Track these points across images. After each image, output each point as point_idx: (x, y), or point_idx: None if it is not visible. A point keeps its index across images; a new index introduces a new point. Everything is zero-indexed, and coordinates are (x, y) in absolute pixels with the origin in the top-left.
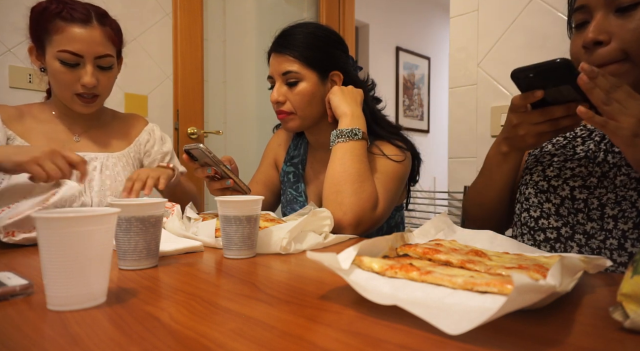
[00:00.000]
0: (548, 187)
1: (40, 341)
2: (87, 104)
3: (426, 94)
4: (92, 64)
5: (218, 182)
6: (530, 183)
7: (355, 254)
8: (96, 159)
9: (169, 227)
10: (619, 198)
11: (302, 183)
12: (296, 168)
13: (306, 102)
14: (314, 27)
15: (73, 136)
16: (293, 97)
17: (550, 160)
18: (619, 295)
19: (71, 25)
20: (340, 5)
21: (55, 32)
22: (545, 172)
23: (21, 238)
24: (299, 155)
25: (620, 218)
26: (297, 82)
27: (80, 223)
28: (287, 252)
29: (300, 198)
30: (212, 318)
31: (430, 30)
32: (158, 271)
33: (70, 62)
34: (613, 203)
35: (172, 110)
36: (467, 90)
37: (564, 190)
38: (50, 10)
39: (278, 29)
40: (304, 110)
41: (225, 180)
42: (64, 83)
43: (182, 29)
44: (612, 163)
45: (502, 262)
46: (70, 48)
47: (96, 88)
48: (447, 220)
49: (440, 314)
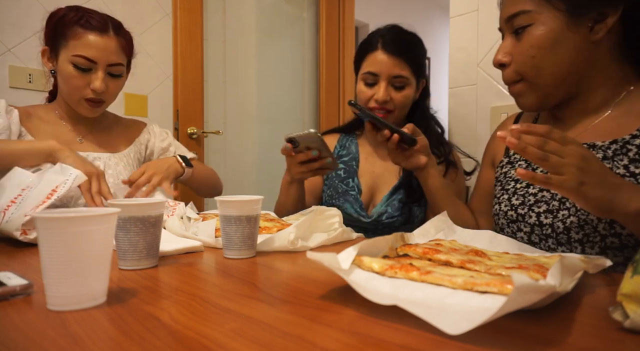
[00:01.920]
0: (517, 217)
1: (40, 341)
2: (93, 108)
3: None
4: (103, 70)
5: (318, 162)
6: (501, 214)
7: (355, 254)
8: (99, 159)
9: (169, 226)
10: (582, 222)
11: (355, 178)
12: (347, 165)
13: (407, 104)
14: (415, 35)
15: (77, 137)
16: (398, 98)
17: (513, 186)
18: (619, 295)
19: (89, 32)
20: (340, 5)
21: (73, 38)
22: (511, 200)
23: (35, 236)
24: (349, 153)
25: (586, 243)
26: (404, 86)
27: (80, 223)
28: (295, 246)
29: (352, 192)
30: (212, 318)
31: (430, 30)
32: (158, 271)
33: (83, 66)
34: (576, 227)
35: (172, 110)
36: (467, 90)
37: (531, 218)
38: (70, 17)
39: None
40: (402, 110)
41: (325, 158)
42: (75, 86)
43: (182, 29)
44: None
45: (502, 262)
46: (85, 53)
47: (104, 94)
48: (447, 220)
49: (440, 314)
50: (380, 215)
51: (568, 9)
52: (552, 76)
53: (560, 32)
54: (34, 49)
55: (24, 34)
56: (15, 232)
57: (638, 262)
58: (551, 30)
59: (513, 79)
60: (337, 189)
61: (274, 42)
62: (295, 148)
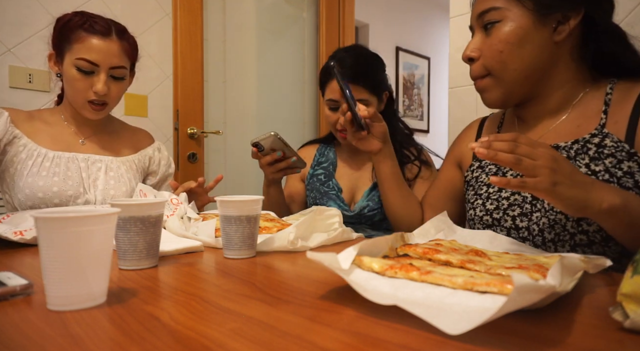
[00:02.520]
0: (492, 221)
1: (40, 341)
2: (96, 111)
3: (426, 94)
4: (106, 73)
5: (283, 162)
6: (476, 219)
7: (355, 254)
8: (100, 161)
9: (169, 226)
10: (552, 222)
11: (333, 179)
12: (326, 170)
13: None
14: (368, 54)
15: (79, 139)
16: None
17: (486, 191)
18: (619, 295)
19: (92, 36)
20: (340, 5)
21: (76, 41)
22: (486, 205)
23: (32, 237)
24: (328, 159)
25: (557, 242)
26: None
27: (80, 223)
28: (295, 246)
29: (332, 192)
30: (212, 318)
31: (430, 30)
32: (158, 271)
33: (86, 69)
34: (548, 228)
35: (172, 110)
36: (467, 90)
37: (506, 221)
38: (75, 21)
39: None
40: None
41: (290, 158)
42: (78, 89)
43: (182, 29)
44: None
45: (502, 262)
46: (88, 56)
47: (107, 97)
48: (447, 220)
49: (440, 314)
50: (362, 209)
51: (536, 7)
52: (517, 72)
53: (527, 29)
54: (34, 49)
55: (24, 34)
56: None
57: (638, 262)
58: (519, 26)
59: (480, 74)
60: (319, 191)
61: (274, 42)
62: (261, 151)
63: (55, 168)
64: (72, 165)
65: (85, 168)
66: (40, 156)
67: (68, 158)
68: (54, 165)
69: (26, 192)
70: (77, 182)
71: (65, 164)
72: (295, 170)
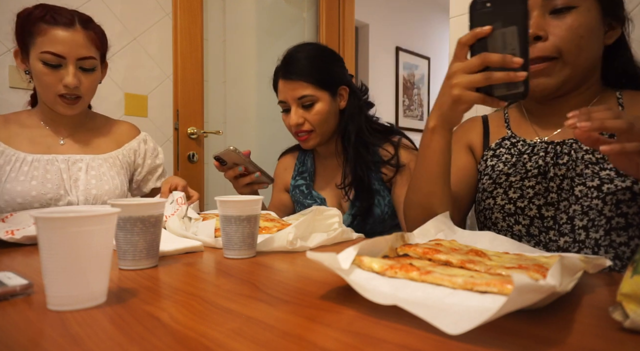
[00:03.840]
0: (515, 210)
1: (40, 341)
2: (70, 105)
3: (426, 94)
4: (74, 65)
5: (247, 177)
6: (496, 207)
7: (355, 254)
8: (81, 160)
9: (169, 226)
10: (585, 208)
11: (313, 191)
12: (306, 180)
13: (324, 119)
14: (316, 49)
15: (59, 139)
16: (312, 117)
17: (507, 180)
18: (619, 295)
19: (54, 27)
20: (340, 5)
21: (39, 35)
22: (508, 194)
23: (21, 236)
24: (306, 169)
25: (590, 228)
26: (313, 103)
27: (80, 223)
28: (294, 247)
29: (316, 204)
30: (212, 318)
31: (430, 30)
32: (158, 272)
33: (52, 63)
34: (580, 214)
35: (172, 110)
36: None
37: (531, 210)
38: (35, 14)
39: (280, 54)
40: (322, 126)
41: (253, 173)
42: (46, 84)
43: (182, 29)
44: (562, 175)
45: (502, 262)
46: (52, 49)
47: (78, 90)
48: (447, 220)
49: (440, 314)
50: (349, 224)
51: (602, 5)
52: (588, 61)
53: (598, 22)
54: None
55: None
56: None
57: (638, 262)
58: (593, 17)
59: (551, 54)
60: (303, 204)
61: (274, 42)
62: (223, 165)
63: (34, 172)
64: (52, 167)
65: (65, 170)
66: (19, 161)
67: (47, 160)
68: (33, 168)
69: (5, 198)
70: (57, 184)
71: (44, 167)
72: (262, 186)
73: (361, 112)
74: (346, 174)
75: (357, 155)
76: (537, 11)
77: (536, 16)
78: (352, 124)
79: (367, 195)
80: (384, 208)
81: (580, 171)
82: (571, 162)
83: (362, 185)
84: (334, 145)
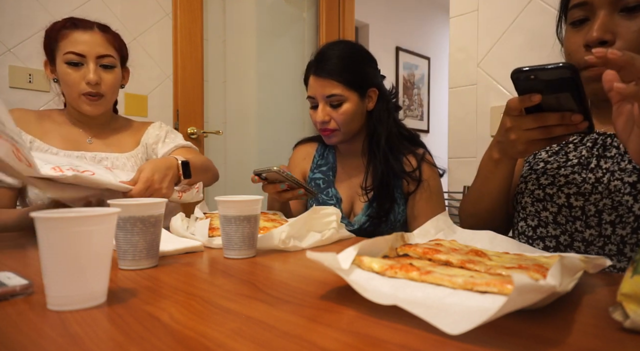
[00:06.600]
0: (544, 196)
1: (40, 341)
2: (93, 103)
3: (426, 94)
4: (94, 62)
5: (289, 192)
6: (527, 192)
7: (355, 254)
8: (107, 159)
9: (172, 226)
10: (615, 203)
11: (332, 188)
12: (325, 175)
13: (349, 120)
14: (351, 48)
15: (86, 138)
16: (338, 116)
17: (543, 167)
18: (619, 295)
19: (74, 31)
20: (340, 5)
21: (62, 39)
22: (540, 180)
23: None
24: (327, 163)
25: (617, 224)
26: (341, 103)
27: (80, 223)
28: (286, 246)
29: (330, 202)
30: (212, 318)
31: (430, 30)
32: (158, 271)
33: (74, 61)
34: (610, 209)
35: (172, 110)
36: (467, 90)
37: (560, 198)
38: (59, 24)
39: (316, 50)
40: (347, 126)
41: (297, 190)
42: (71, 83)
43: (182, 29)
44: (605, 169)
45: (502, 262)
46: (73, 49)
47: (100, 87)
48: (447, 220)
49: (440, 314)
50: (362, 224)
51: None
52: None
53: None
54: (34, 49)
55: (24, 34)
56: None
57: (638, 262)
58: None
59: None
60: (317, 199)
61: (274, 42)
62: (264, 180)
63: None
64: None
65: None
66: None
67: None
68: None
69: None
70: None
71: None
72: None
73: (390, 115)
74: (371, 175)
75: (386, 160)
76: (605, 10)
77: (603, 16)
78: (381, 127)
79: (387, 200)
80: (397, 216)
81: (624, 166)
82: (618, 156)
83: (386, 189)
84: (357, 145)
